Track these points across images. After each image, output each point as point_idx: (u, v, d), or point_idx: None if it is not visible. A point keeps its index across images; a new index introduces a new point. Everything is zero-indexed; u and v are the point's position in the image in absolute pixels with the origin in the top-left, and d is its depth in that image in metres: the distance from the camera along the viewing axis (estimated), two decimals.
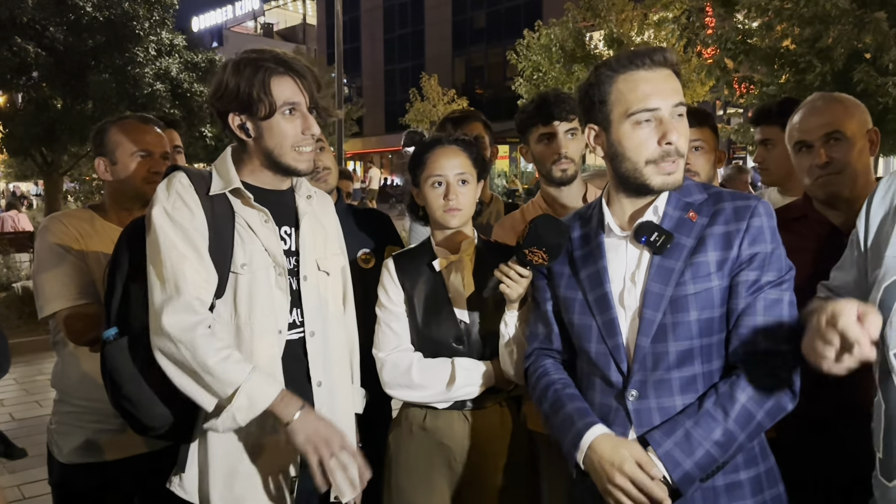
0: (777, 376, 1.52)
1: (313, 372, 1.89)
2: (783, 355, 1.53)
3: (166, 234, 1.71)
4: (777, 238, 1.60)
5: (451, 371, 2.04)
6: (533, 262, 1.82)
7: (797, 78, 9.33)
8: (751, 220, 1.59)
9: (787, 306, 1.57)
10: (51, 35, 11.99)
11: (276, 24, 65.49)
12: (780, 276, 1.58)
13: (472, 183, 2.12)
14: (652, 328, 1.58)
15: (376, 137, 42.63)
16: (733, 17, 10.16)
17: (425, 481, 2.10)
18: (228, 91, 1.77)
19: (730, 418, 1.51)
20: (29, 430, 5.12)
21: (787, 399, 1.54)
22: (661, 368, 1.58)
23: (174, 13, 13.81)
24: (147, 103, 12.39)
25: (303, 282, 1.89)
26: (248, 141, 1.83)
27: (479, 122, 2.99)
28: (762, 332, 1.55)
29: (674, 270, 1.59)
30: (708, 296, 1.57)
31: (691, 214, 1.63)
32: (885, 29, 8.00)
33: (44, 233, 2.33)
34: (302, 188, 1.99)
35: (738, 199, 1.64)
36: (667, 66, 1.60)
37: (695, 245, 1.60)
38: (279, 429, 1.72)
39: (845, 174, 2.02)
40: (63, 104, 12.45)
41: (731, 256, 1.58)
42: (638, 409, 1.59)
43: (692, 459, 1.50)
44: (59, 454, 2.31)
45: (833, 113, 2.06)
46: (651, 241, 1.61)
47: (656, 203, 1.65)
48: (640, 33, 20.05)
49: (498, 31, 36.60)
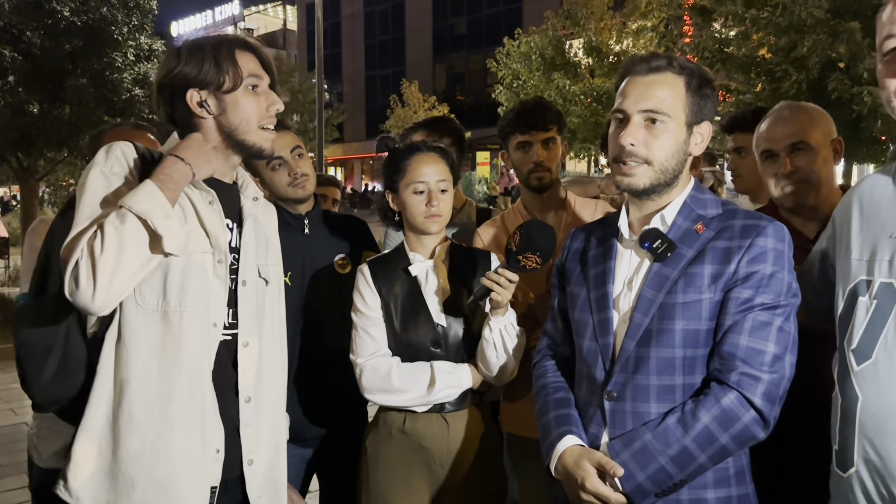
0: (748, 402, 1.49)
1: (242, 385, 1.75)
2: (759, 381, 1.49)
3: (94, 186, 1.58)
4: (783, 263, 1.57)
5: (431, 374, 2.06)
6: (527, 267, 1.89)
7: (773, 86, 9.48)
8: (755, 239, 1.57)
9: (775, 332, 1.53)
10: (27, 39, 11.86)
11: (256, 30, 65.16)
12: (777, 300, 1.54)
13: (450, 190, 2.16)
14: (638, 332, 1.61)
15: (357, 143, 42.56)
16: (711, 26, 10.30)
17: (405, 484, 2.11)
18: (188, 68, 1.66)
19: (688, 436, 1.50)
20: (4, 439, 5.03)
21: (758, 427, 1.50)
22: (642, 373, 1.59)
23: (153, 18, 13.70)
24: (125, 109, 12.28)
25: (241, 286, 1.76)
26: (204, 121, 1.71)
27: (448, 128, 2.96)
28: (743, 353, 1.52)
29: (668, 278, 1.60)
30: (697, 307, 1.57)
31: (699, 226, 1.64)
32: (859, 39, 8.16)
33: (31, 236, 2.34)
34: (249, 189, 1.88)
35: (751, 219, 1.62)
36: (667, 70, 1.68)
37: (694, 256, 1.61)
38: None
39: (810, 183, 2.06)
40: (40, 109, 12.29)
41: (728, 271, 1.57)
42: (613, 411, 1.62)
43: (645, 472, 1.52)
44: (40, 459, 2.29)
45: (798, 123, 2.09)
46: (653, 248, 1.63)
47: (664, 212, 1.67)
48: (618, 41, 20.24)
49: (478, 39, 36.74)
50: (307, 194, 2.45)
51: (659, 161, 1.63)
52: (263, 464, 1.80)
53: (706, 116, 1.67)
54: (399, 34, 42.44)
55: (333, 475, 2.53)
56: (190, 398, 1.65)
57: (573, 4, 20.67)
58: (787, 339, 1.54)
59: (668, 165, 1.64)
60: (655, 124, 1.62)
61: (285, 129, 2.39)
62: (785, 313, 1.55)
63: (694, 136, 1.67)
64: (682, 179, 1.70)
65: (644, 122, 1.63)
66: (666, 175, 1.64)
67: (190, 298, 1.65)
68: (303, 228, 2.46)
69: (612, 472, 1.54)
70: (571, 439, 1.65)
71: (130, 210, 1.49)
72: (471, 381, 2.11)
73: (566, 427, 1.68)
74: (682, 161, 1.66)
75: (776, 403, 1.51)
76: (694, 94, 1.64)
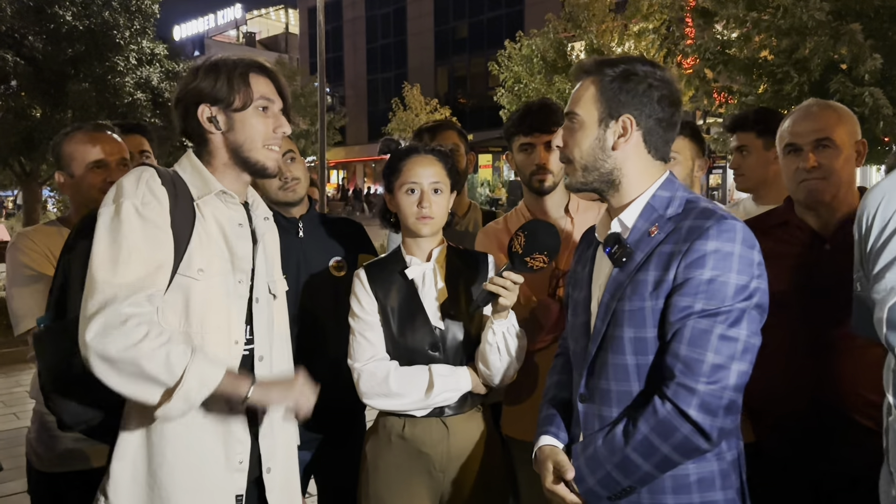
0: (682, 414, 1.45)
1: None
2: (695, 393, 1.45)
3: (135, 235, 1.59)
4: (730, 265, 1.48)
5: (429, 378, 2.05)
6: (534, 268, 1.90)
7: (775, 88, 9.45)
8: (694, 243, 1.50)
9: (716, 340, 1.46)
10: (30, 44, 11.91)
11: (258, 34, 65.38)
12: (719, 306, 1.47)
13: (445, 192, 2.14)
14: (598, 337, 1.62)
15: (359, 146, 42.61)
16: (712, 28, 10.28)
17: (405, 489, 2.10)
18: (203, 83, 1.74)
19: (629, 446, 1.51)
20: (6, 443, 5.05)
21: (698, 438, 1.47)
22: (603, 378, 1.62)
23: (155, 22, 13.75)
24: (127, 112, 12.32)
25: (255, 303, 1.82)
26: (213, 136, 1.77)
27: (453, 132, 3.01)
28: (681, 363, 1.47)
29: (622, 284, 1.59)
30: (641, 315, 1.55)
31: (653, 229, 1.59)
32: (861, 40, 8.14)
33: (12, 250, 2.33)
34: (259, 209, 1.92)
35: (701, 218, 1.54)
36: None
37: (643, 261, 1.57)
38: (236, 406, 1.68)
39: (830, 180, 2.04)
40: (42, 113, 12.33)
41: (668, 278, 1.52)
42: (584, 413, 1.67)
43: (595, 477, 1.56)
44: (39, 463, 2.30)
45: (826, 119, 2.08)
46: (612, 254, 1.62)
47: (622, 215, 1.65)
48: (620, 44, 20.23)
49: (480, 42, 36.77)
50: (298, 198, 2.45)
51: (576, 159, 1.66)
52: (280, 471, 1.87)
53: (628, 109, 1.60)
54: (401, 37, 42.50)
55: (331, 479, 2.53)
56: (214, 412, 1.70)
57: (574, 7, 20.65)
58: (732, 347, 1.46)
59: (587, 162, 1.64)
60: (572, 123, 1.67)
61: None
62: (729, 319, 1.47)
63: (612, 130, 1.62)
64: (634, 179, 1.64)
65: (567, 125, 1.70)
66: (591, 172, 1.65)
67: (211, 320, 1.71)
68: (297, 232, 2.46)
69: (563, 475, 1.61)
70: (545, 439, 1.74)
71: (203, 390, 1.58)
72: (470, 385, 2.10)
73: (545, 427, 1.77)
74: (606, 158, 1.63)
75: (718, 414, 1.45)
76: (608, 90, 1.61)
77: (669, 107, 1.62)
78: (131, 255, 1.58)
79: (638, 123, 1.61)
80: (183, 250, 1.67)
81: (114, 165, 2.34)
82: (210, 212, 1.75)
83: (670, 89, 1.62)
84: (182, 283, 1.67)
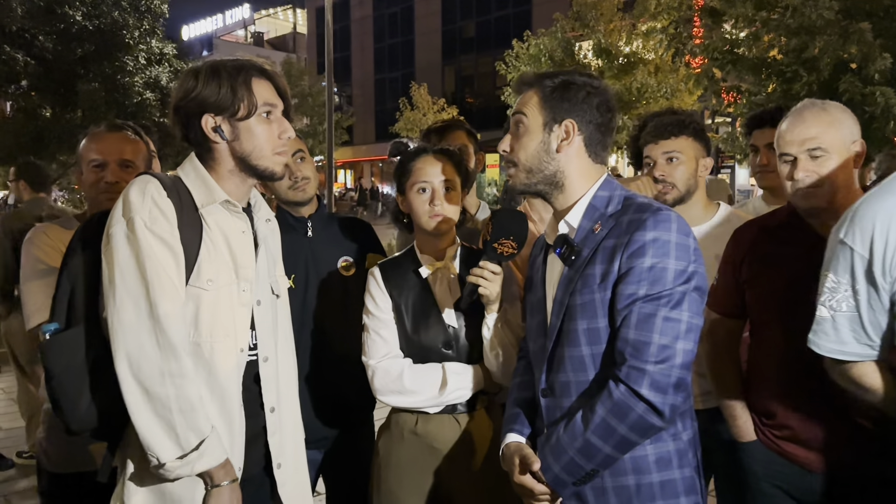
0: (636, 394, 1.54)
1: (266, 397, 1.84)
2: (645, 373, 1.54)
3: (155, 254, 1.62)
4: (668, 252, 1.59)
5: (443, 375, 2.07)
6: (504, 254, 1.92)
7: (784, 87, 9.41)
8: (633, 235, 1.60)
9: (661, 322, 1.56)
10: (40, 44, 11.98)
11: (266, 33, 65.53)
12: (661, 290, 1.57)
13: (456, 190, 2.16)
14: (554, 332, 1.71)
15: (366, 146, 42.66)
16: (721, 28, 10.24)
17: (417, 485, 2.12)
18: (205, 92, 1.71)
19: (589, 429, 1.59)
20: (15, 442, 5.08)
21: (653, 416, 1.55)
22: (562, 371, 1.70)
23: (164, 22, 13.82)
24: (136, 112, 12.39)
25: (256, 306, 1.83)
26: (218, 145, 1.76)
27: (462, 132, 3.01)
28: (630, 346, 1.57)
29: (571, 280, 1.69)
30: (592, 307, 1.64)
31: (596, 226, 1.69)
32: (870, 39, 8.10)
33: (28, 245, 2.33)
34: (261, 210, 1.93)
35: (638, 212, 1.65)
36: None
37: (589, 256, 1.67)
38: (198, 485, 1.69)
39: (824, 188, 2.01)
40: (52, 113, 12.42)
41: (613, 270, 1.62)
42: (546, 407, 1.75)
43: (559, 464, 1.64)
44: (48, 463, 2.30)
45: (817, 126, 2.03)
46: (562, 255, 1.72)
47: (567, 217, 1.74)
48: (628, 43, 20.18)
49: (487, 41, 36.74)
50: (308, 197, 2.46)
51: (521, 161, 1.75)
52: (290, 466, 1.90)
53: (570, 115, 1.71)
54: (408, 37, 42.50)
55: (339, 477, 2.53)
56: (220, 420, 1.72)
57: (582, 6, 20.60)
58: (676, 327, 1.56)
59: (532, 164, 1.73)
60: (518, 129, 1.76)
61: None
62: (671, 302, 1.57)
63: (556, 134, 1.72)
64: (576, 182, 1.75)
65: (512, 129, 1.78)
66: (535, 174, 1.74)
67: (220, 329, 1.72)
68: (306, 231, 2.47)
69: (530, 466, 1.70)
70: (510, 436, 1.83)
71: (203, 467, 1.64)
72: (482, 382, 2.12)
73: (509, 425, 1.86)
74: (549, 160, 1.73)
75: (669, 392, 1.54)
76: (549, 98, 1.72)
77: (607, 112, 1.75)
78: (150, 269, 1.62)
79: (579, 128, 1.72)
80: (193, 262, 1.69)
81: (113, 165, 2.33)
82: (214, 221, 1.75)
83: (607, 97, 1.75)
84: (193, 294, 1.69)
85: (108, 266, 1.63)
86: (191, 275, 1.68)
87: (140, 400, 1.58)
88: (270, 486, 1.86)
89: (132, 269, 1.61)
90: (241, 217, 1.81)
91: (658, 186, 2.44)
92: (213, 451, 1.64)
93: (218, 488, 1.67)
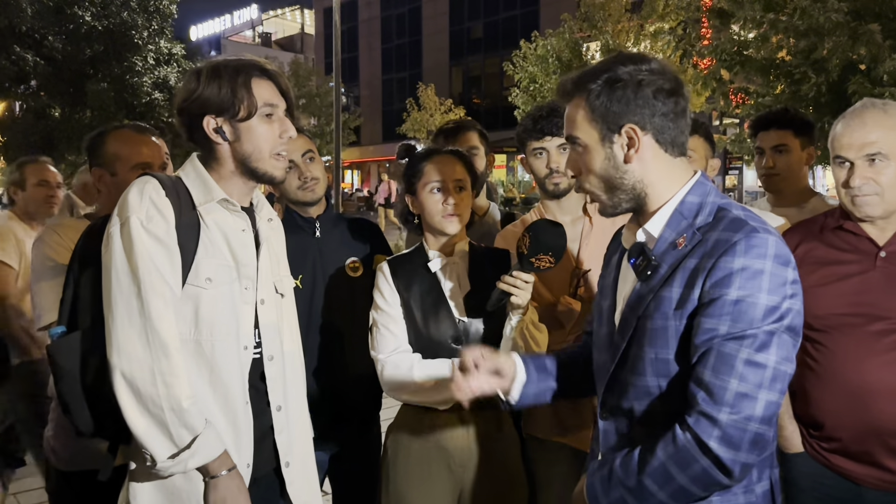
0: (703, 445, 1.34)
1: (272, 396, 1.84)
2: (716, 423, 1.33)
3: (149, 253, 1.63)
4: (760, 284, 1.35)
5: (452, 372, 2.06)
6: (541, 268, 1.91)
7: (792, 89, 9.38)
8: (719, 260, 1.37)
9: (742, 365, 1.33)
10: (49, 44, 12.05)
11: (274, 34, 65.65)
12: (746, 329, 1.34)
13: (467, 190, 2.17)
14: (617, 354, 1.53)
15: (374, 146, 42.66)
16: (729, 29, 10.21)
17: (425, 483, 2.12)
18: (206, 93, 1.72)
19: (645, 472, 1.40)
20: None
21: (718, 473, 1.34)
22: (625, 398, 1.52)
23: (173, 22, 13.88)
24: (145, 112, 12.45)
25: (260, 305, 1.83)
26: (220, 146, 1.77)
27: (474, 132, 3.02)
28: (704, 390, 1.36)
29: (644, 299, 1.48)
30: (664, 335, 1.44)
31: (681, 240, 1.46)
32: (879, 41, 8.06)
33: (39, 244, 2.34)
34: (263, 210, 1.93)
35: (729, 230, 1.41)
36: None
37: (667, 276, 1.45)
38: (202, 478, 1.70)
39: (883, 196, 1.90)
40: (61, 113, 12.48)
41: (693, 297, 1.40)
42: (604, 430, 1.60)
43: (608, 498, 1.47)
44: (57, 462, 2.31)
45: (878, 129, 1.90)
46: (636, 266, 1.51)
47: (647, 225, 1.52)
48: (636, 44, 20.14)
49: (495, 42, 36.71)
50: (317, 197, 2.47)
51: (594, 185, 1.54)
52: (299, 464, 1.91)
53: (627, 118, 1.47)
54: (416, 38, 42.50)
55: (346, 478, 2.54)
56: (224, 418, 1.73)
57: (590, 7, 20.60)
58: (759, 374, 1.33)
59: (606, 185, 1.52)
60: (576, 149, 1.55)
61: (298, 132, 2.40)
62: (756, 343, 1.34)
63: (619, 145, 1.49)
64: (660, 187, 1.51)
65: (571, 153, 1.58)
66: (616, 194, 1.52)
67: (221, 328, 1.72)
68: (314, 231, 2.47)
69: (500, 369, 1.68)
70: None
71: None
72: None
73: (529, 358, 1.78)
74: (622, 174, 1.50)
75: (742, 448, 1.33)
76: (598, 106, 1.48)
77: (670, 97, 1.48)
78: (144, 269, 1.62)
79: (643, 128, 1.47)
80: (190, 261, 1.70)
81: (157, 169, 2.34)
82: (212, 219, 1.76)
83: (663, 78, 1.48)
84: (191, 293, 1.69)
85: (105, 266, 1.66)
86: (189, 273, 1.69)
87: (132, 399, 1.60)
88: (280, 484, 1.87)
89: (125, 269, 1.63)
90: (240, 216, 1.81)
91: None
92: (207, 448, 1.64)
93: (215, 479, 1.67)
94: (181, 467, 1.63)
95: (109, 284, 1.64)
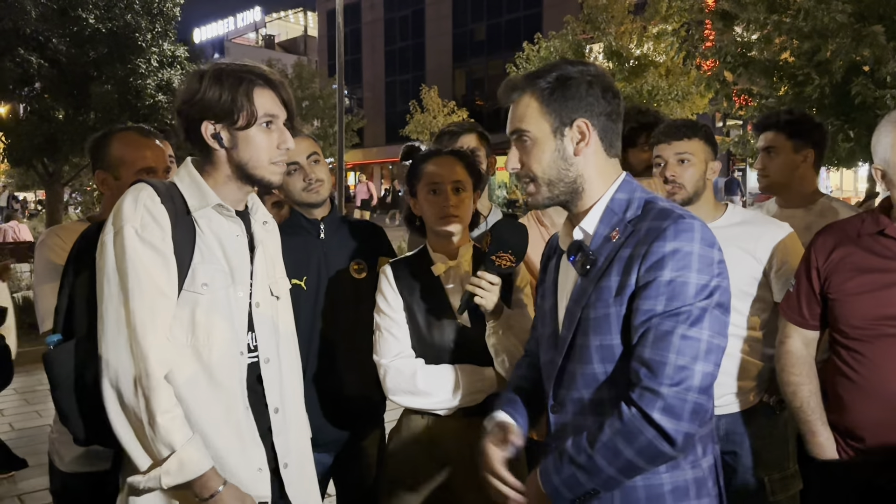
0: (646, 417, 1.42)
1: (270, 398, 1.84)
2: (659, 396, 1.41)
3: (140, 262, 1.63)
4: (690, 264, 1.45)
5: (456, 377, 2.07)
6: (502, 267, 1.90)
7: (796, 90, 9.37)
8: (652, 245, 1.47)
9: (678, 340, 1.43)
10: (53, 46, 12.07)
11: (277, 36, 65.75)
12: (680, 306, 1.44)
13: (468, 191, 2.17)
14: (564, 346, 1.60)
15: (377, 148, 42.69)
16: (732, 31, 10.20)
17: (425, 488, 2.12)
18: (207, 98, 1.71)
19: (595, 449, 1.47)
20: (29, 440, 5.12)
21: (663, 444, 1.42)
22: (574, 388, 1.59)
23: (176, 25, 13.88)
24: (149, 114, 12.46)
25: (255, 308, 1.84)
26: (217, 151, 1.77)
27: (475, 134, 3.02)
28: (645, 367, 1.44)
29: (586, 292, 1.56)
30: (606, 322, 1.52)
31: (614, 233, 1.56)
32: (883, 42, 8.05)
33: (41, 247, 2.34)
34: (258, 213, 1.93)
35: (658, 219, 1.51)
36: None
37: (605, 267, 1.54)
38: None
39: None
40: (65, 115, 12.49)
41: (630, 283, 1.49)
42: (555, 423, 1.66)
43: (560, 476, 1.53)
44: (61, 463, 2.32)
45: None
46: (576, 262, 1.60)
47: (582, 223, 1.61)
48: (639, 46, 20.13)
49: (498, 44, 36.73)
50: (321, 199, 2.47)
51: (538, 175, 1.60)
52: (296, 466, 1.90)
53: (579, 112, 1.56)
54: (419, 40, 42.54)
55: (350, 480, 2.54)
56: (226, 423, 1.73)
57: (593, 9, 20.57)
58: (695, 347, 1.43)
59: (551, 176, 1.59)
60: (525, 143, 1.61)
61: (302, 134, 2.41)
62: (691, 318, 1.44)
63: (570, 138, 1.57)
64: (595, 183, 1.60)
65: (517, 145, 1.64)
66: (557, 185, 1.60)
67: (217, 333, 1.72)
68: (318, 233, 2.48)
69: (509, 434, 1.69)
70: (500, 414, 1.78)
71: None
72: (495, 385, 2.11)
73: (501, 406, 1.82)
74: (569, 166, 1.58)
75: (683, 418, 1.41)
76: (550, 100, 1.57)
77: (613, 98, 1.60)
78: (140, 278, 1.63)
79: (592, 124, 1.57)
80: (187, 267, 1.70)
81: (161, 173, 2.34)
82: (207, 224, 1.76)
83: (607, 80, 1.60)
84: (188, 299, 1.70)
85: (98, 274, 1.67)
86: (185, 280, 1.70)
87: (117, 407, 1.62)
88: (279, 486, 1.87)
89: (115, 278, 1.64)
90: (234, 221, 1.81)
91: (667, 187, 2.45)
92: (189, 464, 1.61)
93: (213, 498, 1.65)
94: (155, 483, 1.61)
95: (102, 293, 1.65)
